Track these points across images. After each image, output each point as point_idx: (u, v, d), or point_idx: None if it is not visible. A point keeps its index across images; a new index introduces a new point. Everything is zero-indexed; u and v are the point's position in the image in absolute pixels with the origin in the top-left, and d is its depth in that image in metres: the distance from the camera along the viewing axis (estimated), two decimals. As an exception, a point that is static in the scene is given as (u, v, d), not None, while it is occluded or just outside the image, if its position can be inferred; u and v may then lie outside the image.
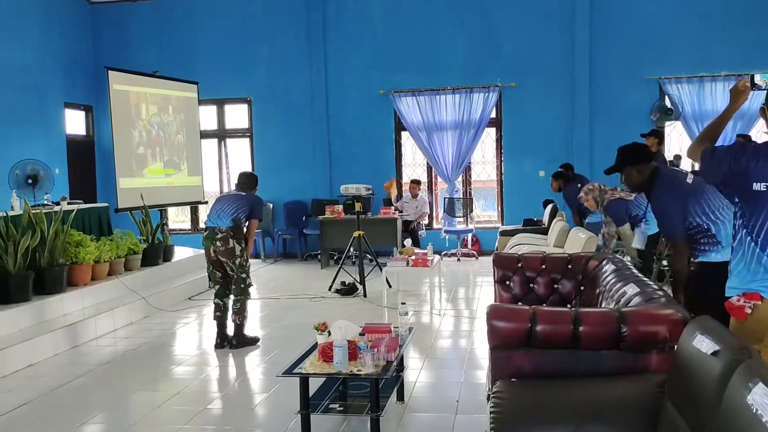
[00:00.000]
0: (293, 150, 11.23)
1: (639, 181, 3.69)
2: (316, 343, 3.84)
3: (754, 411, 1.67)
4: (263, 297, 8.10)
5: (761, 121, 2.77)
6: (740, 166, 2.59)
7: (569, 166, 9.21)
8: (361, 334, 3.88)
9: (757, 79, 2.74)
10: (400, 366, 4.18)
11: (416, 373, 4.96)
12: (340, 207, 9.90)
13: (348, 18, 10.96)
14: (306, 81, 11.10)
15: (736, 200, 2.71)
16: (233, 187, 6.37)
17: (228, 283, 5.94)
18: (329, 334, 3.82)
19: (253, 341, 5.95)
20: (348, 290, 7.96)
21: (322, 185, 11.10)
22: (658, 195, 3.58)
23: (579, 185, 7.67)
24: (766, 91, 2.64)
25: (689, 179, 3.67)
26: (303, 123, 11.17)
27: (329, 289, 8.13)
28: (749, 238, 2.61)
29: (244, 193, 6.01)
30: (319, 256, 10.44)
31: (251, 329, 6.29)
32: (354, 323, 4.05)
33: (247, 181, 6.15)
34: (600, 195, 6.10)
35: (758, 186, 2.54)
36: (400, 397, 4.27)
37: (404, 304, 4.45)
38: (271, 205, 11.12)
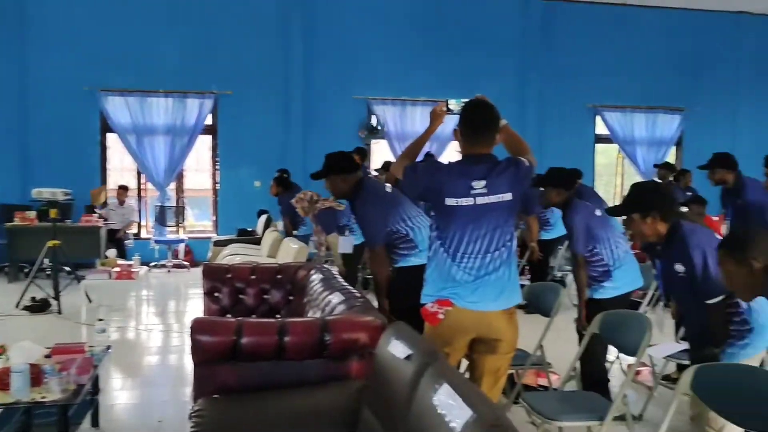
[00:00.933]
0: (-25, 147, 9.76)
1: (344, 189, 3.80)
2: (-9, 369, 3.32)
3: (439, 411, 1.78)
4: (-71, 318, 6.89)
5: (455, 142, 3.02)
6: (435, 182, 2.81)
7: (287, 172, 9.32)
8: (48, 356, 3.45)
9: (452, 104, 3.03)
10: (95, 389, 3.80)
11: (117, 395, 4.57)
12: (33, 213, 8.83)
13: (49, 6, 9.89)
14: (-6, 70, 9.76)
15: (432, 213, 2.93)
16: None
17: None
18: (8, 358, 3.33)
19: None
20: (39, 306, 7.11)
21: (12, 188, 9.76)
22: (361, 204, 3.73)
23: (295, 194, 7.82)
24: (459, 115, 2.89)
25: (388, 188, 3.90)
26: (-12, 117, 9.78)
27: (17, 306, 7.17)
28: (442, 249, 2.83)
29: None
30: (6, 269, 9.18)
31: None
32: (43, 344, 3.60)
33: None
34: (310, 205, 6.25)
35: (450, 201, 2.78)
36: (95, 423, 3.88)
37: (102, 320, 4.08)
38: (-55, 210, 9.52)
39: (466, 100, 2.97)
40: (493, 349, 2.85)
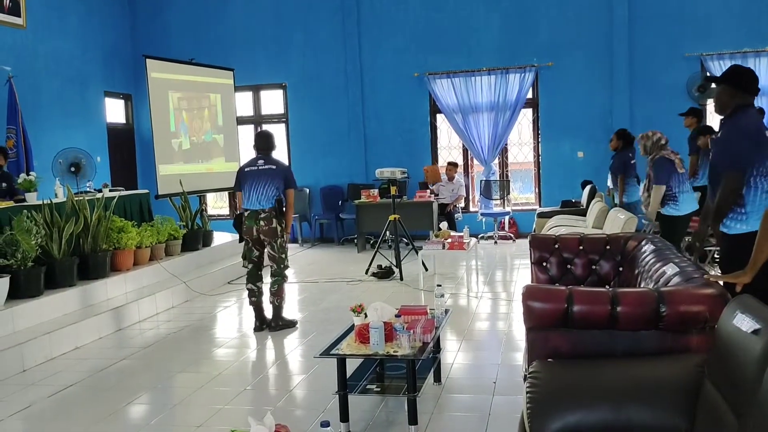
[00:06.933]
0: (328, 135, 11.26)
1: (726, 103, 3.65)
2: (353, 324, 3.87)
3: (796, 390, 1.64)
4: (301, 281, 8.18)
5: None
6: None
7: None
8: (397, 316, 3.89)
9: None
10: (437, 347, 4.19)
11: (453, 355, 4.96)
12: (376, 191, 9.90)
13: (382, 0, 10.91)
14: (340, 65, 11.09)
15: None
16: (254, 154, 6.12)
17: (260, 265, 5.99)
18: (365, 316, 3.85)
19: (291, 324, 6.02)
20: (384, 273, 7.99)
21: (358, 169, 11.12)
22: (731, 125, 3.60)
23: (630, 154, 7.54)
24: None
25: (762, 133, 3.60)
26: (338, 107, 11.18)
27: (366, 273, 8.17)
28: None
29: (274, 167, 5.88)
30: (355, 240, 10.49)
31: (290, 312, 6.37)
32: (390, 305, 4.07)
33: (266, 143, 6.03)
34: (652, 146, 5.94)
35: None
36: (437, 379, 4.29)
37: (440, 286, 4.44)
38: (308, 190, 11.20)
39: None
40: None
